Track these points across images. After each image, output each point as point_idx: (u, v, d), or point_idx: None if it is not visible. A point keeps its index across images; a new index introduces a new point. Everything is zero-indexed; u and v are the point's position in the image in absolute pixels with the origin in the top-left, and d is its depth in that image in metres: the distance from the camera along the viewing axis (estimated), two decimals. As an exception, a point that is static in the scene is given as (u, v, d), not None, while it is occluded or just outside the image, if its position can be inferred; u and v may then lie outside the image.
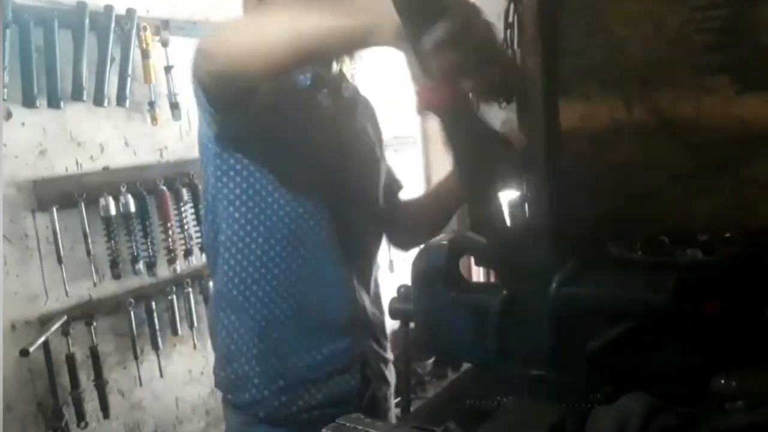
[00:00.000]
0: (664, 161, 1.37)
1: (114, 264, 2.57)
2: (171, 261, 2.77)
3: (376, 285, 1.63)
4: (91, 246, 2.48)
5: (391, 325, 1.61)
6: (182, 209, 2.80)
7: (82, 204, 2.46)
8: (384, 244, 1.76)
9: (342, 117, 1.49)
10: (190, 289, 2.86)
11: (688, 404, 1.12)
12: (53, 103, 2.36)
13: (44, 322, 2.38)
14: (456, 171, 0.98)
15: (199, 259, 2.86)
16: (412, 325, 1.48)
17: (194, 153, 2.93)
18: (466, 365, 1.53)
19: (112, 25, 2.50)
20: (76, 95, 2.43)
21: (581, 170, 1.44)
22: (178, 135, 2.90)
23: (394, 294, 1.50)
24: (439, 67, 0.83)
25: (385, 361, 1.60)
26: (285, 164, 1.35)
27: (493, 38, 0.89)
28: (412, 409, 1.72)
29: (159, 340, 2.75)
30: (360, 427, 0.98)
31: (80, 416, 2.47)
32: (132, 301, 2.64)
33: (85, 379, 2.51)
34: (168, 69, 2.75)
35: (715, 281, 1.16)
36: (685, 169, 1.34)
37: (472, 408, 1.26)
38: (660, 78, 1.35)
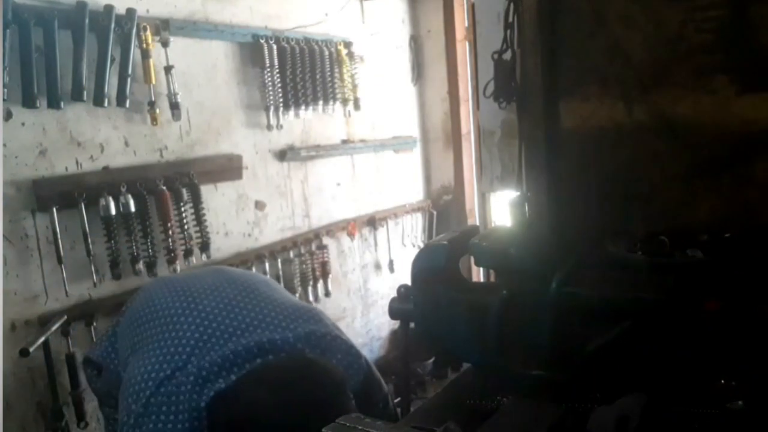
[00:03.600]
0: (664, 161, 1.37)
1: (114, 264, 2.57)
2: (171, 261, 2.77)
3: None
4: (91, 246, 2.48)
5: (391, 325, 1.61)
6: (182, 209, 2.80)
7: (82, 204, 2.46)
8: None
9: None
10: (190, 289, 2.85)
11: (688, 404, 1.12)
12: (53, 103, 2.35)
13: (44, 322, 2.38)
14: None
15: (199, 258, 2.87)
16: (412, 325, 1.49)
17: (194, 153, 2.96)
18: (466, 365, 1.52)
19: (112, 25, 2.50)
20: (76, 95, 2.42)
21: (581, 170, 1.44)
22: (178, 135, 2.90)
23: (394, 294, 1.50)
24: None
25: None
26: None
27: None
28: (412, 409, 1.72)
29: (159, 340, 2.74)
30: (360, 427, 0.98)
31: (80, 416, 2.47)
32: (132, 301, 2.64)
33: (85, 379, 2.51)
34: (168, 69, 2.75)
35: (715, 281, 1.16)
36: (685, 169, 1.34)
37: (472, 408, 1.27)
38: (660, 78, 1.35)
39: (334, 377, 1.29)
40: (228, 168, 3.14)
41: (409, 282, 1.45)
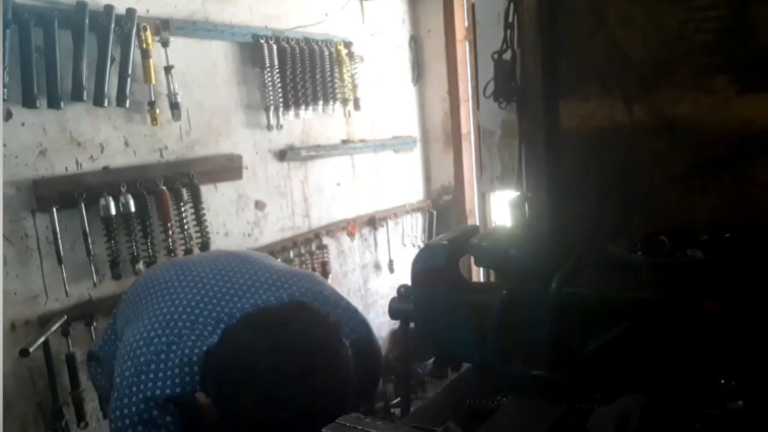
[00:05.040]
0: (664, 161, 1.37)
1: (114, 264, 2.57)
2: (171, 261, 2.77)
3: None
4: (91, 246, 2.48)
5: (391, 325, 1.60)
6: (182, 209, 2.80)
7: (82, 204, 2.46)
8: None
9: None
10: (190, 289, 2.85)
11: (688, 404, 1.12)
12: (53, 103, 2.35)
13: (44, 322, 2.38)
14: None
15: (199, 259, 2.87)
16: (412, 325, 1.48)
17: (194, 153, 2.96)
18: (466, 365, 1.52)
19: (112, 25, 2.50)
20: (76, 95, 2.42)
21: (581, 170, 1.44)
22: (178, 135, 2.90)
23: (394, 294, 1.50)
24: None
25: None
26: None
27: None
28: (412, 409, 1.72)
29: (159, 340, 2.74)
30: (360, 427, 0.98)
31: (80, 416, 2.47)
32: (132, 301, 2.63)
33: (85, 379, 2.50)
34: (168, 69, 2.75)
35: (715, 281, 1.16)
36: (685, 169, 1.34)
37: (472, 408, 1.26)
38: (660, 78, 1.35)
39: (327, 321, 1.23)
40: (228, 168, 3.14)
41: (409, 282, 1.45)
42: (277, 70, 3.23)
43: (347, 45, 3.71)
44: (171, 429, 1.20)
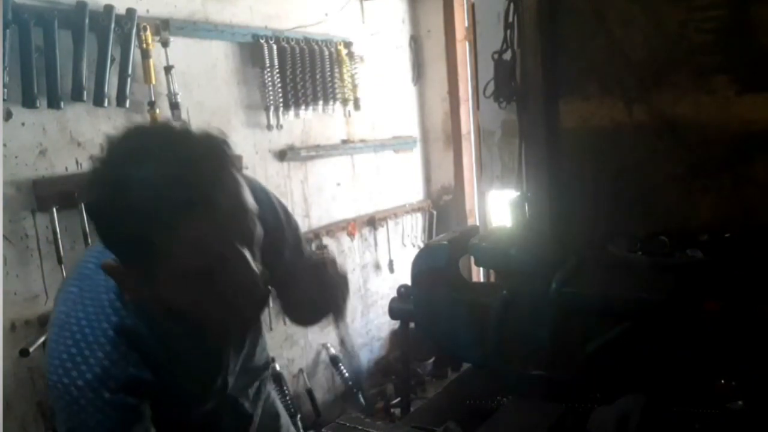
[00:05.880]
0: (664, 161, 1.37)
1: (114, 264, 2.56)
2: (171, 261, 2.76)
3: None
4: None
5: (391, 325, 1.59)
6: (182, 209, 2.80)
7: (82, 204, 2.46)
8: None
9: None
10: (190, 289, 2.84)
11: (688, 404, 1.12)
12: (53, 103, 2.35)
13: (44, 322, 2.38)
14: None
15: (199, 259, 2.86)
16: (412, 325, 1.49)
17: (194, 153, 2.95)
18: (466, 365, 1.52)
19: (112, 25, 2.50)
20: (76, 95, 2.42)
21: (581, 170, 1.44)
22: (178, 135, 2.90)
23: (394, 294, 1.50)
24: None
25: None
26: None
27: None
28: (412, 409, 1.72)
29: (159, 340, 2.73)
30: (360, 427, 0.98)
31: (80, 416, 2.47)
32: (132, 301, 2.62)
33: (85, 379, 2.50)
34: (168, 69, 2.75)
35: (715, 281, 1.16)
36: (685, 169, 1.34)
37: (472, 408, 1.27)
38: (660, 78, 1.35)
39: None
40: (228, 168, 3.13)
41: (409, 282, 1.45)
42: (277, 70, 3.23)
43: (347, 45, 3.71)
44: (104, 364, 1.07)
